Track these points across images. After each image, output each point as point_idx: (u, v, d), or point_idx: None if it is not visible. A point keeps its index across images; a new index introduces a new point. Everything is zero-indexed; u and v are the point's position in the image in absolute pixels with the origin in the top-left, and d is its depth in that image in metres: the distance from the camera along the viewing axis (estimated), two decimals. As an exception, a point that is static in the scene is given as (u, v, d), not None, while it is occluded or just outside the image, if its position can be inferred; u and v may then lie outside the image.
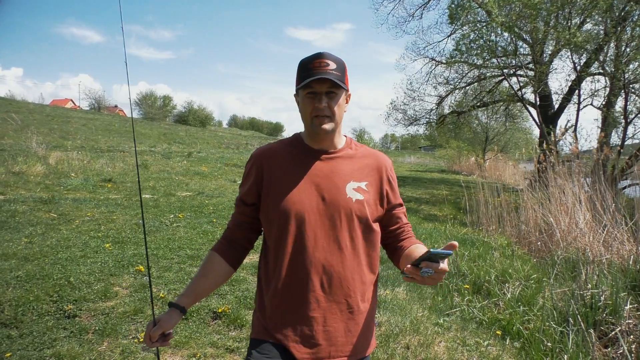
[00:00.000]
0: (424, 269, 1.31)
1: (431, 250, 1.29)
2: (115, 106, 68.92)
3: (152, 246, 5.74)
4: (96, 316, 3.80)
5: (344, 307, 1.58)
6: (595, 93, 13.00)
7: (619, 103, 12.29)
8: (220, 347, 3.46)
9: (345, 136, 1.72)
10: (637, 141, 11.78)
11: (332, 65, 1.53)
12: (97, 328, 3.59)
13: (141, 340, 3.42)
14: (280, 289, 1.58)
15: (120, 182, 10.96)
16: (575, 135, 11.46)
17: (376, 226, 1.65)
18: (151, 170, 13.89)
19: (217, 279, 1.67)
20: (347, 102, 1.64)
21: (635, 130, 11.98)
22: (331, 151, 1.65)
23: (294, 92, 1.63)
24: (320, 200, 1.57)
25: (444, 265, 1.31)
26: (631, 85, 11.49)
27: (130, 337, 3.51)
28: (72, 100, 67.97)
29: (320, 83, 1.52)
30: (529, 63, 15.16)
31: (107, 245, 5.62)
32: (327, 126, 1.56)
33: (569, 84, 13.99)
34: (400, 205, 1.73)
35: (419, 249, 1.61)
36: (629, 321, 3.52)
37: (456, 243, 1.29)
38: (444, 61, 17.76)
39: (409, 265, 1.36)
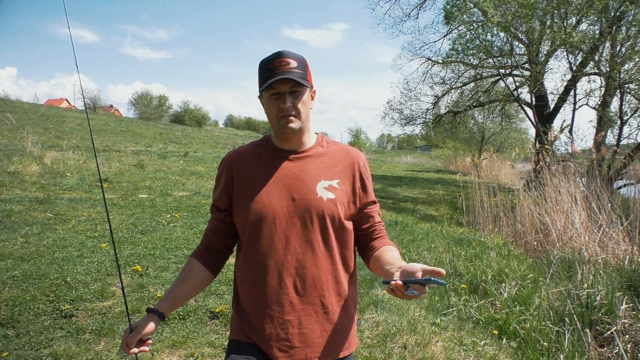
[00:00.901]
0: (412, 290, 1.29)
1: (431, 278, 1.27)
2: (111, 106, 68.73)
3: (149, 246, 5.73)
4: (93, 316, 3.80)
5: (318, 308, 1.57)
6: (591, 93, 13.03)
7: (614, 103, 12.34)
8: (217, 347, 3.46)
9: (317, 134, 1.71)
10: (632, 141, 11.82)
11: (293, 64, 1.51)
12: (94, 328, 3.59)
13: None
14: (254, 293, 1.58)
15: (116, 182, 10.93)
16: (571, 135, 11.50)
17: (349, 224, 1.63)
18: (147, 170, 13.86)
19: (197, 285, 1.66)
20: (312, 99, 1.63)
21: (630, 130, 12.06)
22: (300, 150, 1.63)
23: (258, 95, 1.62)
24: (290, 201, 1.56)
25: (427, 289, 1.32)
26: (626, 85, 11.52)
27: (128, 337, 3.50)
28: (67, 100, 67.67)
29: (283, 83, 1.50)
30: (524, 63, 15.20)
31: (104, 245, 5.61)
32: (294, 125, 1.55)
33: (565, 84, 14.01)
34: (374, 202, 1.70)
35: (390, 251, 1.58)
36: (625, 321, 3.54)
37: (444, 271, 1.27)
38: (440, 61, 17.81)
39: (399, 281, 1.31)
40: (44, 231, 6.11)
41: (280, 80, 1.49)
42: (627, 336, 3.42)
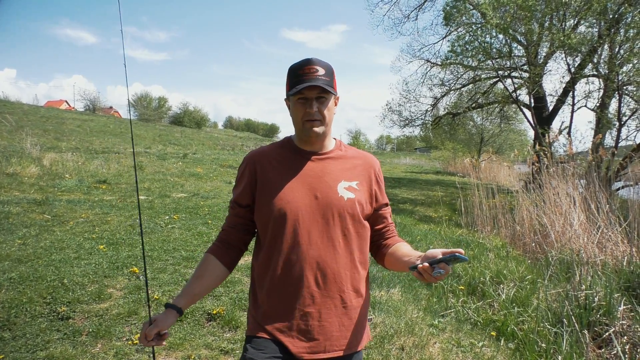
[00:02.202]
0: (438, 269, 1.37)
1: (456, 254, 1.34)
2: (110, 107, 68.69)
3: (146, 247, 5.71)
4: (90, 318, 3.78)
5: (338, 303, 1.63)
6: (589, 95, 13.04)
7: (613, 105, 12.35)
8: (214, 349, 3.45)
9: (335, 139, 1.79)
10: (630, 143, 11.83)
11: (321, 71, 1.59)
12: (90, 330, 3.57)
13: (136, 341, 3.41)
14: (276, 286, 1.62)
15: (115, 184, 10.92)
16: (570, 137, 11.51)
17: (366, 224, 1.71)
18: (146, 171, 13.86)
19: (213, 280, 1.70)
20: (335, 105, 1.71)
21: (628, 132, 12.03)
22: (321, 152, 1.71)
23: (285, 97, 1.70)
24: (313, 199, 1.62)
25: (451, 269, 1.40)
26: (625, 87, 11.54)
27: (124, 339, 3.50)
28: (66, 102, 67.65)
29: (311, 89, 1.58)
30: (523, 65, 15.19)
31: (102, 246, 5.60)
32: (318, 129, 1.63)
33: (564, 85, 14.03)
34: (387, 204, 1.80)
35: (404, 245, 1.70)
36: (623, 322, 3.54)
37: (462, 250, 1.36)
38: (439, 63, 17.79)
39: (426, 264, 1.40)
40: (42, 233, 6.10)
41: (309, 87, 1.57)
42: (625, 337, 3.42)
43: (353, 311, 1.66)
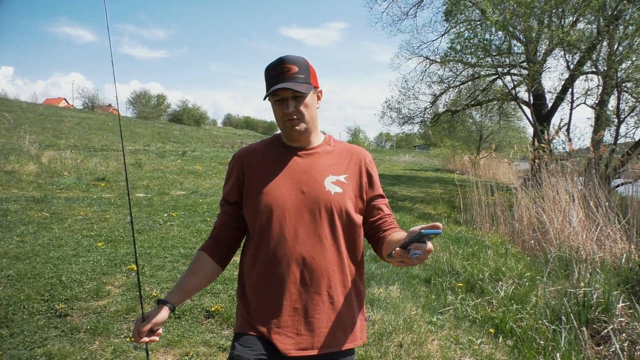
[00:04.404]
0: (414, 250, 1.32)
1: (422, 231, 1.28)
2: (109, 105, 68.54)
3: (145, 245, 5.71)
4: (88, 315, 3.78)
5: (325, 299, 1.61)
6: (589, 92, 13.01)
7: (612, 102, 12.33)
8: (212, 346, 3.44)
9: (324, 133, 1.78)
10: (629, 140, 11.82)
11: (295, 69, 1.57)
12: (88, 327, 3.57)
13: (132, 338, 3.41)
14: (263, 282, 1.62)
15: (113, 181, 10.90)
16: (569, 134, 11.50)
17: (357, 218, 1.68)
18: (145, 169, 13.84)
19: (206, 277, 1.70)
20: (319, 99, 1.70)
21: (627, 129, 12.02)
22: (309, 148, 1.71)
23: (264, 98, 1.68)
24: (299, 194, 1.61)
25: (430, 245, 1.33)
26: (624, 84, 11.52)
27: (122, 336, 3.49)
28: (65, 99, 67.50)
29: (285, 89, 1.56)
30: (522, 62, 15.17)
31: (100, 244, 5.59)
32: (299, 127, 1.62)
33: (563, 82, 14.01)
34: (381, 196, 1.76)
35: (396, 235, 1.63)
36: (621, 319, 3.53)
37: (440, 224, 1.30)
38: (438, 60, 17.76)
39: (397, 249, 1.35)
40: (40, 230, 6.09)
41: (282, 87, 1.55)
42: (623, 335, 3.42)
43: (342, 308, 1.64)
